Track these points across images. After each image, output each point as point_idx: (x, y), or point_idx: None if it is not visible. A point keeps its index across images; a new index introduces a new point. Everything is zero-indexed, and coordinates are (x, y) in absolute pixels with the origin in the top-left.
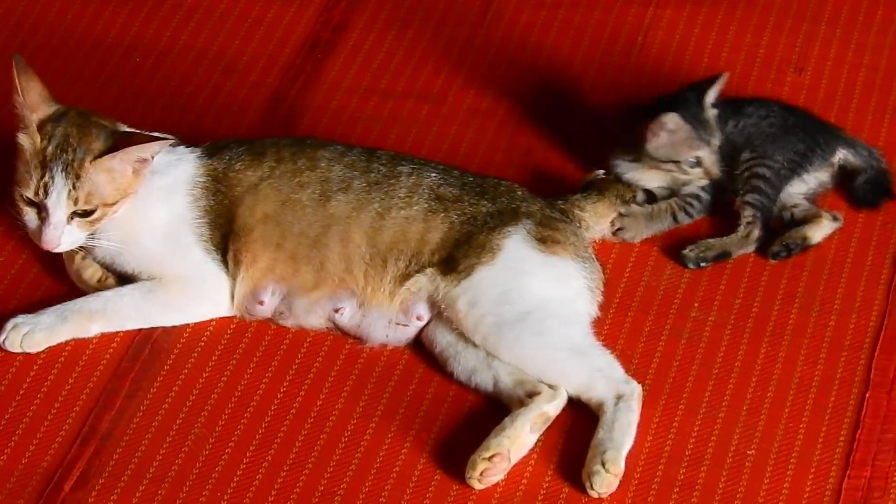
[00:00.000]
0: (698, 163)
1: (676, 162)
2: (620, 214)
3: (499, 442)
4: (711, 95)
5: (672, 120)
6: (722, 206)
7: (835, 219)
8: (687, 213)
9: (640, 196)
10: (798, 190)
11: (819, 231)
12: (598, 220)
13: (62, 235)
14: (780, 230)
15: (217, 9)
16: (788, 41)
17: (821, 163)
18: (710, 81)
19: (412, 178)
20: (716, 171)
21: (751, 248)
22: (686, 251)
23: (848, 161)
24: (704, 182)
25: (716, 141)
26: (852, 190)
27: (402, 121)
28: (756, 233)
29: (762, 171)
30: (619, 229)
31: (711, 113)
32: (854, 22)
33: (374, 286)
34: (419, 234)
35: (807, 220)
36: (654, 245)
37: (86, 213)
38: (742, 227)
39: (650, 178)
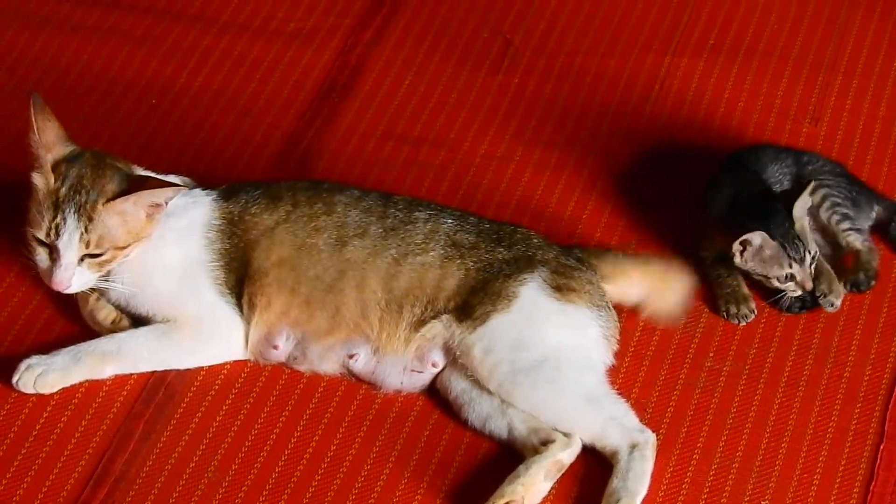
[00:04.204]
0: (791, 278)
1: (766, 277)
2: (822, 276)
3: (513, 489)
4: (800, 208)
5: (758, 238)
6: None
7: None
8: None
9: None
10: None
11: None
12: (618, 275)
13: (73, 277)
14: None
15: (234, 51)
16: (805, 92)
17: (864, 212)
18: (797, 193)
19: (429, 225)
20: (810, 284)
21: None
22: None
23: (881, 215)
24: (799, 293)
25: (811, 252)
26: (888, 234)
27: (417, 166)
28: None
29: (834, 196)
30: (824, 295)
31: (804, 223)
32: (870, 73)
33: (389, 332)
34: (435, 281)
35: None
36: None
37: (97, 255)
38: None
39: None
